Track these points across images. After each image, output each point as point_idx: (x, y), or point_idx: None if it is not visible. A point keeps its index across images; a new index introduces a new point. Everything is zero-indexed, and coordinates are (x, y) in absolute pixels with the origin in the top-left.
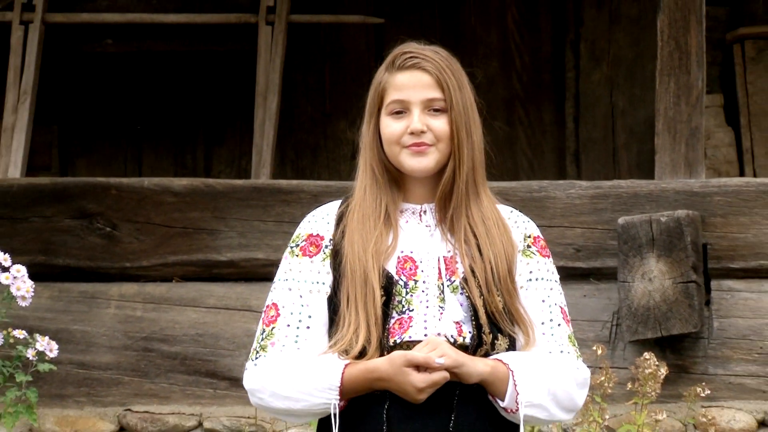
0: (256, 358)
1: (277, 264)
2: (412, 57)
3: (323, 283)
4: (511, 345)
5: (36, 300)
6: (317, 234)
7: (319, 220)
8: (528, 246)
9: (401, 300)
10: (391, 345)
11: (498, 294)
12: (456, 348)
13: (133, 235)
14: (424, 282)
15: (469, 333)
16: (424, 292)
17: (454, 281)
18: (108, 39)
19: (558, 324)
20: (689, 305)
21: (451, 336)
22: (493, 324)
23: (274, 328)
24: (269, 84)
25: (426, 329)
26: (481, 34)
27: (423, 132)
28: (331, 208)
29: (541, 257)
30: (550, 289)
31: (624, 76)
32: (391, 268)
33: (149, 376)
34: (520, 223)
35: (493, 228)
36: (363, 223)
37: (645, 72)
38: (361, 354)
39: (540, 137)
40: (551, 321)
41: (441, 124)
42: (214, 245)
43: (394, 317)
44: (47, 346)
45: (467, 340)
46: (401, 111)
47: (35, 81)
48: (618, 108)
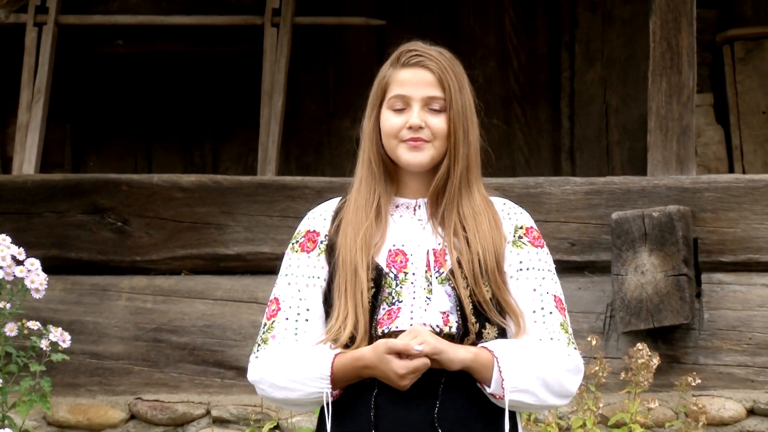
0: (258, 350)
1: (282, 257)
2: (417, 55)
3: (319, 277)
4: (501, 334)
5: (49, 292)
6: (314, 230)
7: (317, 217)
8: (519, 237)
9: (391, 292)
10: (380, 335)
11: (485, 285)
12: (443, 337)
13: (144, 230)
14: (413, 274)
15: (456, 323)
16: (412, 283)
17: (442, 273)
18: (119, 40)
19: (550, 312)
20: (680, 297)
21: (437, 326)
22: (481, 314)
23: (274, 321)
24: (274, 83)
25: (412, 319)
26: (480, 35)
27: (421, 128)
28: (330, 205)
29: (533, 247)
30: (542, 279)
31: (617, 76)
32: (382, 260)
33: (159, 365)
34: (512, 215)
35: (484, 222)
36: (355, 215)
37: (638, 72)
38: (351, 342)
39: (536, 135)
40: (542, 309)
41: (439, 122)
42: (221, 239)
43: (384, 308)
44: (60, 336)
45: (453, 329)
46: (402, 107)
47: (48, 80)
48: (611, 107)
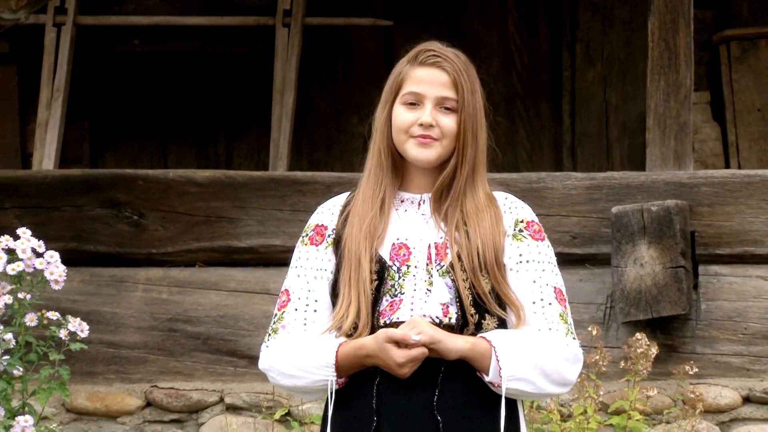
0: (268, 340)
1: (293, 250)
2: (434, 55)
3: (326, 270)
4: (501, 325)
5: (68, 284)
6: (322, 224)
7: (326, 211)
8: (519, 230)
9: (394, 284)
10: (381, 325)
11: (485, 278)
12: (442, 328)
13: (159, 223)
14: (415, 267)
15: (455, 314)
16: (414, 276)
17: (443, 266)
18: (135, 40)
19: (549, 303)
20: (678, 289)
21: (437, 317)
22: (480, 305)
23: (284, 312)
24: (286, 82)
25: (413, 310)
26: (484, 35)
27: (431, 126)
28: (339, 200)
29: (533, 240)
30: (542, 271)
31: (617, 74)
32: (385, 253)
33: (174, 354)
34: (513, 209)
35: (485, 219)
36: (362, 206)
37: (637, 71)
38: (355, 331)
39: (538, 132)
40: (542, 300)
41: (449, 122)
42: (234, 232)
43: (387, 300)
44: (79, 326)
45: (453, 320)
46: (415, 103)
47: (67, 79)
48: (611, 105)
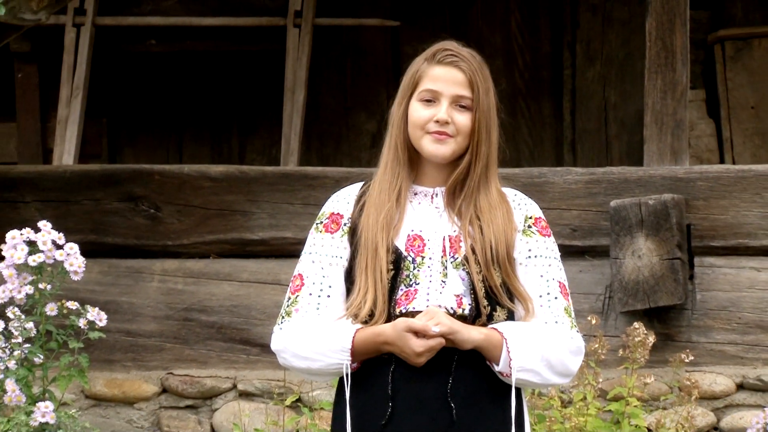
0: (281, 322)
1: (304, 242)
2: (451, 54)
3: (341, 257)
4: (510, 317)
5: (87, 274)
6: (338, 213)
7: (341, 200)
8: (528, 226)
9: (409, 274)
10: (397, 314)
11: (496, 272)
12: (456, 318)
13: (175, 216)
14: (430, 258)
15: (469, 305)
16: (429, 267)
17: (456, 258)
18: (152, 40)
19: (555, 297)
20: (674, 280)
21: (451, 307)
22: (492, 298)
23: (298, 296)
24: (296, 80)
25: (428, 301)
26: (487, 35)
27: (447, 123)
28: (353, 189)
29: (541, 236)
30: (548, 266)
31: (616, 73)
32: (401, 244)
33: (189, 343)
34: (522, 205)
35: (498, 216)
36: (379, 197)
37: (635, 70)
38: (370, 319)
39: (540, 128)
40: (548, 294)
41: (464, 119)
42: (247, 225)
43: (402, 289)
44: (97, 316)
45: (466, 311)
46: (431, 100)
47: (86, 78)
48: (610, 102)
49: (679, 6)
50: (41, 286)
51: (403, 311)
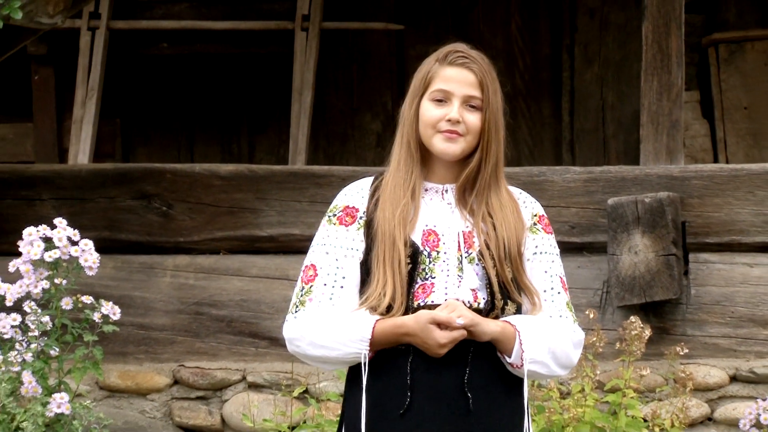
0: (296, 311)
1: (311, 238)
2: (463, 56)
3: (357, 250)
4: (518, 310)
5: (101, 270)
6: (353, 206)
7: (355, 194)
8: (534, 224)
9: (425, 268)
10: (415, 307)
11: (508, 267)
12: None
13: (186, 214)
14: (445, 253)
15: (483, 299)
16: (445, 262)
17: (471, 253)
18: (164, 43)
19: (558, 292)
20: (670, 275)
21: (467, 301)
22: (504, 292)
23: (312, 286)
24: (304, 82)
25: (446, 294)
26: (489, 38)
27: (458, 122)
28: (365, 183)
29: (545, 234)
30: (551, 262)
31: (613, 75)
32: (417, 239)
33: (200, 336)
34: (528, 204)
35: (509, 214)
36: (394, 193)
37: (631, 72)
38: (388, 311)
39: (539, 128)
40: (552, 289)
41: (474, 119)
42: (256, 222)
43: (418, 282)
44: (111, 310)
45: (482, 305)
46: (442, 99)
47: (101, 79)
48: (608, 103)
49: (675, 10)
50: (57, 281)
51: (422, 304)
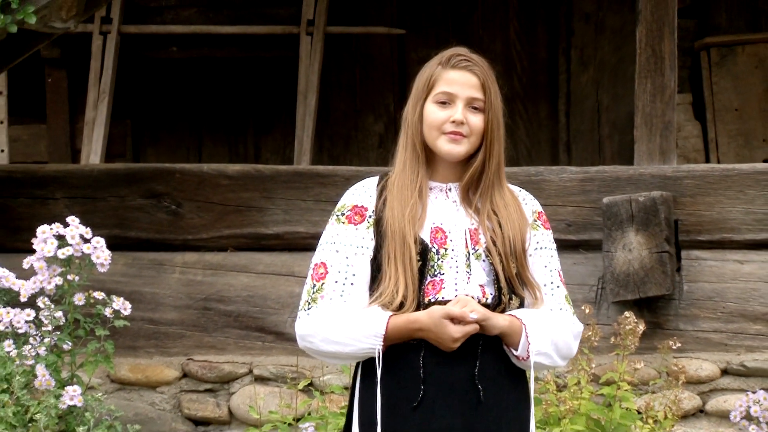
0: (308, 308)
1: (316, 236)
2: (465, 60)
3: (366, 248)
4: (520, 304)
5: (112, 267)
6: (361, 205)
7: (363, 193)
8: (535, 220)
9: (434, 265)
10: (426, 303)
11: (513, 263)
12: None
13: (195, 212)
14: (453, 250)
15: (491, 294)
16: (453, 258)
17: (477, 250)
18: (173, 47)
19: (557, 286)
20: (663, 271)
21: (476, 296)
22: (509, 287)
23: (323, 283)
24: (309, 85)
25: (456, 290)
26: (487, 42)
27: (462, 123)
28: (371, 183)
29: (545, 230)
30: (551, 257)
31: (608, 78)
32: (426, 236)
33: (208, 330)
34: (528, 201)
35: (513, 212)
36: (401, 193)
37: (626, 74)
38: (400, 307)
39: (537, 129)
40: (552, 283)
41: (477, 120)
42: (262, 221)
43: (428, 279)
44: (122, 305)
45: (489, 300)
46: (446, 102)
47: (112, 82)
48: (603, 105)
49: (668, 15)
50: (70, 277)
51: (433, 300)
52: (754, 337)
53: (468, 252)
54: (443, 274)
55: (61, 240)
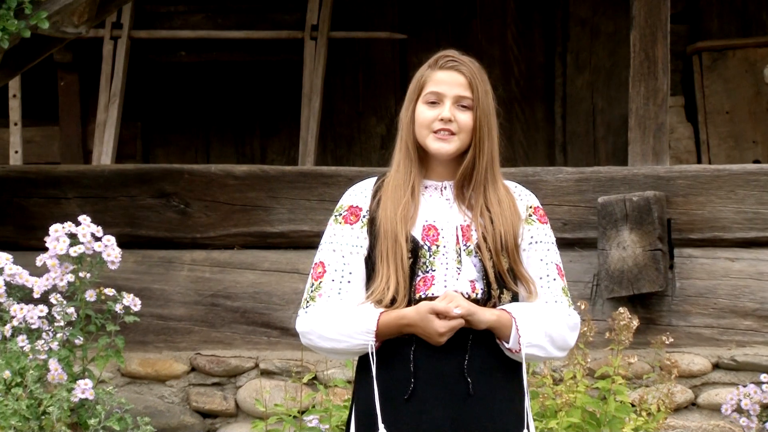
0: (306, 306)
1: (320, 234)
2: (452, 60)
3: (361, 246)
4: (514, 299)
5: (123, 264)
6: (356, 206)
7: (358, 194)
8: (530, 215)
9: (425, 261)
10: (417, 299)
11: (504, 258)
12: (469, 301)
13: (202, 211)
14: (444, 247)
15: (481, 289)
16: (444, 255)
17: (469, 246)
18: (182, 51)
19: (553, 279)
20: (656, 269)
21: (466, 292)
22: (500, 282)
23: (321, 282)
24: (313, 88)
25: (446, 286)
26: (486, 47)
27: (450, 121)
28: (368, 183)
29: (540, 224)
30: (547, 250)
31: (603, 81)
32: (417, 234)
33: (215, 326)
34: (523, 196)
35: (506, 208)
36: (395, 192)
37: (620, 78)
38: (392, 304)
39: (534, 131)
40: (548, 276)
41: (466, 118)
42: (268, 219)
43: (419, 276)
44: (132, 301)
45: (479, 295)
46: (435, 102)
47: (122, 85)
48: (598, 107)
49: (661, 20)
50: (81, 274)
51: (423, 296)
52: (744, 333)
53: (459, 248)
54: (434, 270)
55: (73, 238)
